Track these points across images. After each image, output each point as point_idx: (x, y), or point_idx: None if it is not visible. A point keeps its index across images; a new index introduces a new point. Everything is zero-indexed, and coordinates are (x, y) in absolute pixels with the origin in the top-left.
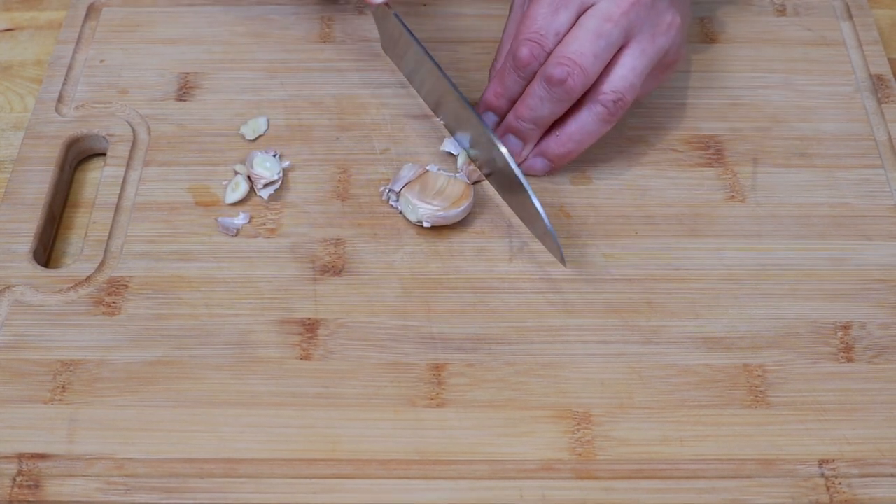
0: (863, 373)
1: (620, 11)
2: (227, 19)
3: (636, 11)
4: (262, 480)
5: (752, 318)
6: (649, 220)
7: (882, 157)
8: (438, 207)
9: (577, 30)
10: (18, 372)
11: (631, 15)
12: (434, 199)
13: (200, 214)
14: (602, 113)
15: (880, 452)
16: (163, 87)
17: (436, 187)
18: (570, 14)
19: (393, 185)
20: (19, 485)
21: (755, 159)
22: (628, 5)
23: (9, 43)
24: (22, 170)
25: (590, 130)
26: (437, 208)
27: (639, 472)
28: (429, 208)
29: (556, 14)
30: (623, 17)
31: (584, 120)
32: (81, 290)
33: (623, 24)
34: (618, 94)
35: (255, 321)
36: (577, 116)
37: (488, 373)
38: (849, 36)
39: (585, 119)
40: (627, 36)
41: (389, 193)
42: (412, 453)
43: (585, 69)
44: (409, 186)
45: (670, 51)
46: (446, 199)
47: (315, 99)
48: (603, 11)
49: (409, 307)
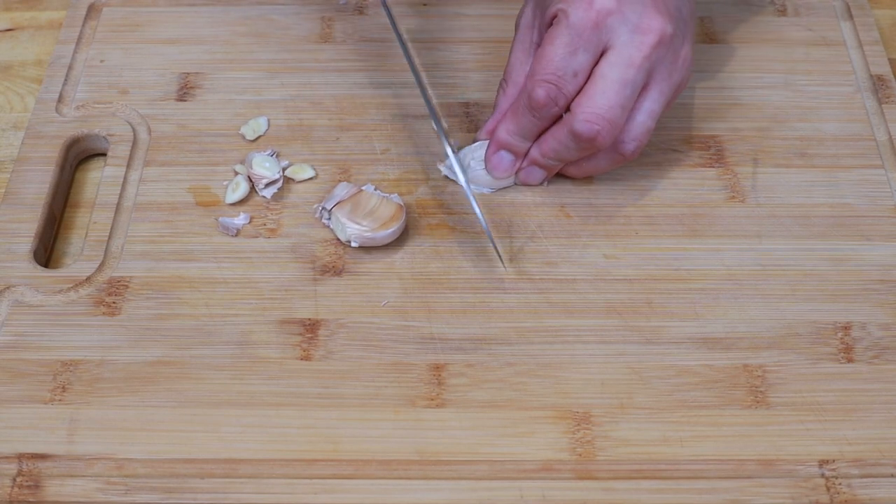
0: (863, 373)
1: (642, 56)
2: (227, 19)
3: (657, 53)
4: (262, 480)
5: (752, 319)
6: (649, 221)
7: (882, 158)
8: (367, 228)
9: (601, 80)
10: (18, 372)
11: (652, 58)
12: (364, 220)
13: (201, 214)
14: (620, 159)
15: (880, 453)
16: (163, 87)
17: (367, 208)
18: (589, 56)
19: (325, 202)
20: (19, 485)
21: (755, 159)
22: (649, 48)
23: (9, 43)
24: (22, 170)
25: (604, 168)
26: (365, 229)
27: (639, 472)
28: (357, 228)
29: (574, 55)
30: (645, 62)
31: (601, 161)
32: (82, 291)
33: (645, 67)
34: (637, 143)
35: (256, 321)
36: (594, 159)
37: (488, 373)
38: (849, 36)
39: (601, 160)
40: (648, 78)
41: (322, 211)
42: (412, 453)
43: (614, 123)
44: (341, 205)
45: (683, 83)
46: (376, 220)
47: (315, 99)
48: (625, 57)
49: (409, 307)
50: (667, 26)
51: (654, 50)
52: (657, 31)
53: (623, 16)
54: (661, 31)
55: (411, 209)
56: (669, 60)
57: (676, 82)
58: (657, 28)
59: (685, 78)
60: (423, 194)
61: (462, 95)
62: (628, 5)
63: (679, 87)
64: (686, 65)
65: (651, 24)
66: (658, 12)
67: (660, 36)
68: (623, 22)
